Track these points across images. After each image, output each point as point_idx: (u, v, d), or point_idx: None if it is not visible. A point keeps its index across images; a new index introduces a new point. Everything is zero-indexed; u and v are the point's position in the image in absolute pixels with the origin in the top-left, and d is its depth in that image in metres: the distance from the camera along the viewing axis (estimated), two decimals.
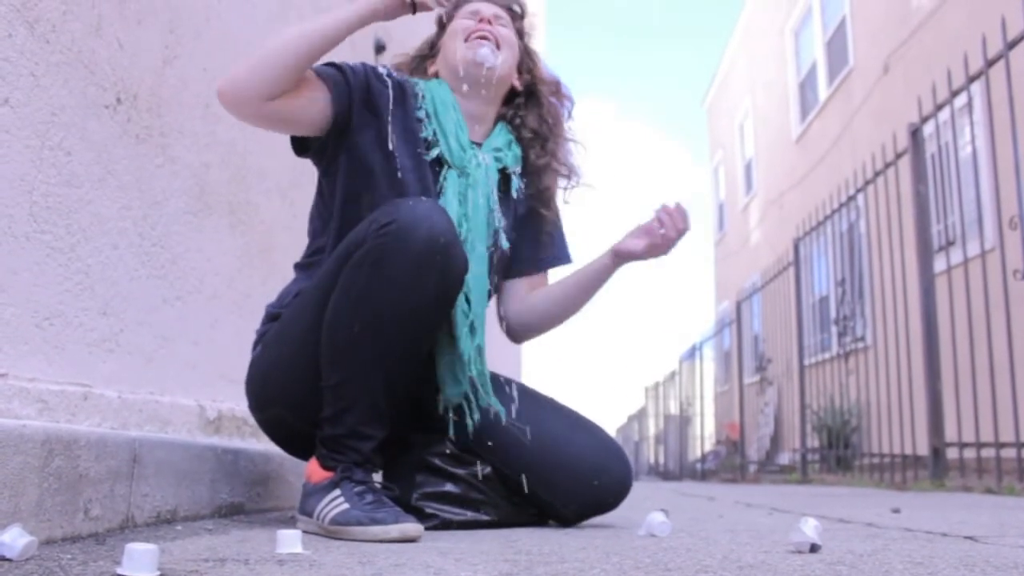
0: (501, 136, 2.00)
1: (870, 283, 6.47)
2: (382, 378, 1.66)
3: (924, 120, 4.94)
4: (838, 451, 7.15)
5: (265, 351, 1.83)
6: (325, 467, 1.66)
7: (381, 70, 1.91)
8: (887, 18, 9.40)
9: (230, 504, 2.02)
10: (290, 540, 1.30)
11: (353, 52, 3.85)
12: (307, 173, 3.19)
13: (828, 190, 7.23)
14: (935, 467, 4.68)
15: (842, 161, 9.87)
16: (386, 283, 1.58)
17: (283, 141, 2.92)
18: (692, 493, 5.11)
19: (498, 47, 1.95)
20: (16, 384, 1.48)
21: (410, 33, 5.42)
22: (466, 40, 1.94)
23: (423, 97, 1.93)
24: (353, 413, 1.64)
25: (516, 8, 2.09)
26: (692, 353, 13.74)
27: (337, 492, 1.60)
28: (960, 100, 4.82)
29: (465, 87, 1.93)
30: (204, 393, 2.27)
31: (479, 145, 1.96)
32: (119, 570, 1.01)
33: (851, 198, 6.29)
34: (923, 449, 4.94)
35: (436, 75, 2.02)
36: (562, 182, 2.08)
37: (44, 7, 1.58)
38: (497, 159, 1.95)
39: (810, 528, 1.32)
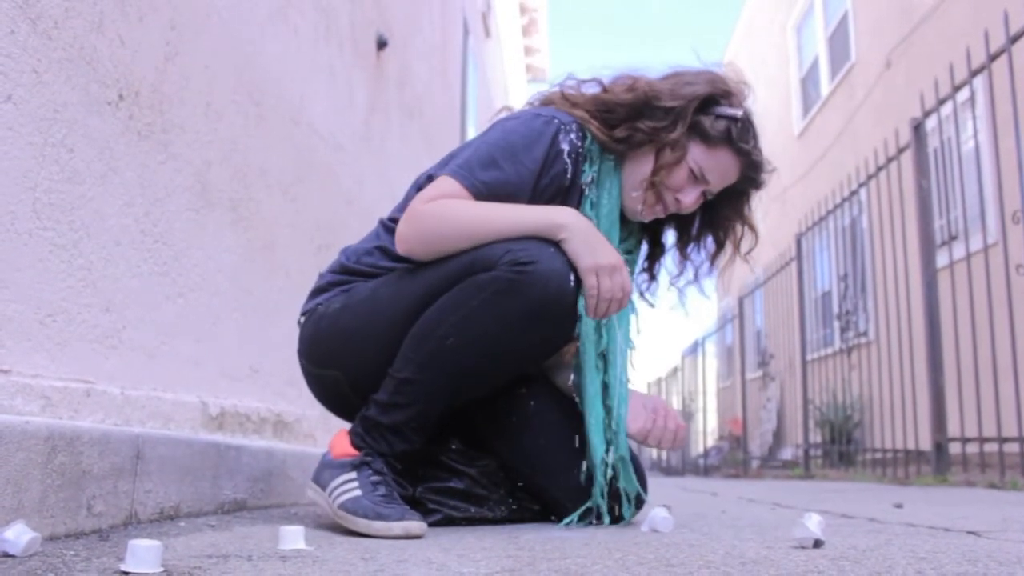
0: (632, 238, 1.97)
1: (872, 278, 6.47)
2: (448, 395, 1.69)
3: (926, 115, 4.93)
4: (841, 446, 7.15)
5: (346, 314, 1.80)
6: (354, 445, 1.68)
7: (564, 147, 1.76)
8: (889, 13, 9.38)
9: (233, 500, 2.02)
10: (293, 536, 1.30)
11: (355, 49, 3.85)
12: (309, 170, 3.19)
13: (830, 185, 7.22)
14: (938, 462, 4.68)
15: (844, 156, 9.85)
16: (499, 316, 1.60)
17: (284, 139, 2.93)
18: (695, 489, 5.12)
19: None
20: (19, 380, 1.48)
21: (413, 29, 5.43)
22: (652, 191, 1.82)
23: (592, 187, 1.83)
24: (404, 412, 1.66)
25: (756, 183, 1.92)
26: (694, 349, 13.74)
27: (353, 475, 1.62)
28: (962, 95, 4.81)
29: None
30: (207, 390, 2.28)
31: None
32: (122, 566, 1.01)
33: (853, 193, 6.27)
34: (926, 444, 4.94)
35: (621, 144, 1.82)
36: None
37: (46, 4, 1.58)
38: (628, 261, 1.93)
39: (813, 524, 1.32)
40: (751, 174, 1.87)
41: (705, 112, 1.80)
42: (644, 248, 2.06)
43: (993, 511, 2.25)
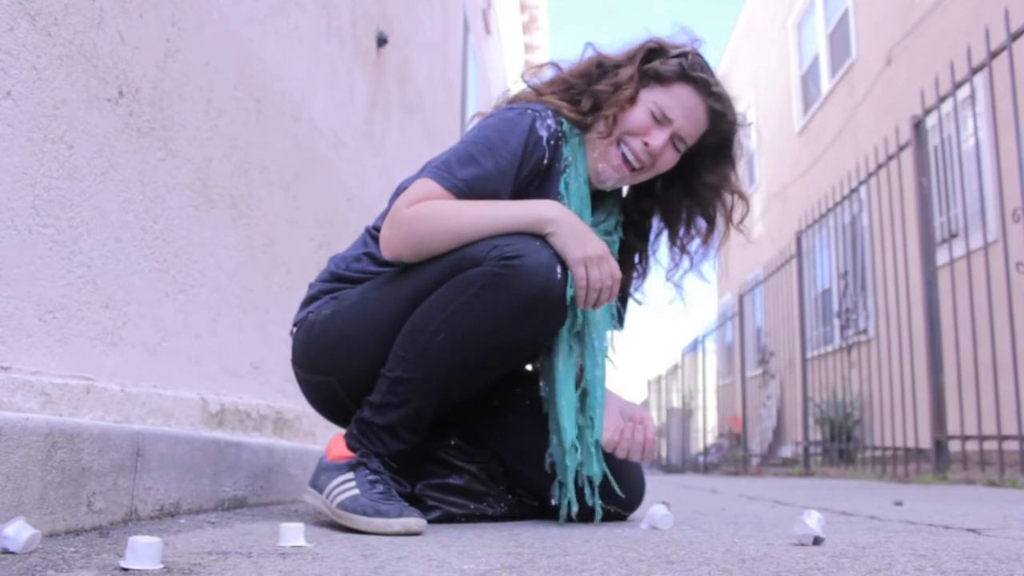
0: (611, 219, 1.94)
1: (872, 276, 6.46)
2: (441, 392, 1.69)
3: (927, 112, 4.93)
4: (840, 444, 7.15)
5: (337, 320, 1.80)
6: (349, 447, 1.68)
7: (543, 133, 1.77)
8: (890, 10, 9.37)
9: (233, 497, 2.03)
10: (293, 533, 1.30)
11: (356, 45, 3.84)
12: (309, 167, 3.19)
13: (831, 183, 7.22)
14: (938, 460, 4.68)
15: (845, 154, 9.85)
16: (488, 310, 1.61)
17: (285, 135, 2.93)
18: (695, 486, 5.12)
19: (641, 172, 1.86)
20: (19, 377, 1.48)
21: (413, 25, 5.42)
22: (615, 144, 1.82)
23: (567, 168, 1.84)
24: (398, 411, 1.66)
25: (727, 122, 1.87)
26: (694, 346, 13.73)
27: (350, 476, 1.62)
28: (963, 92, 4.81)
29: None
30: (207, 386, 2.28)
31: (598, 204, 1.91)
32: (122, 563, 1.01)
33: (854, 190, 6.27)
34: (926, 442, 4.94)
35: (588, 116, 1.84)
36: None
37: (45, 0, 1.58)
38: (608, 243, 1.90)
39: (813, 521, 1.32)
40: (716, 106, 1.83)
41: (656, 59, 1.83)
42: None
43: (993, 509, 2.25)
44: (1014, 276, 4.00)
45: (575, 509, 1.77)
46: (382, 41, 4.35)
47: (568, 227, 1.65)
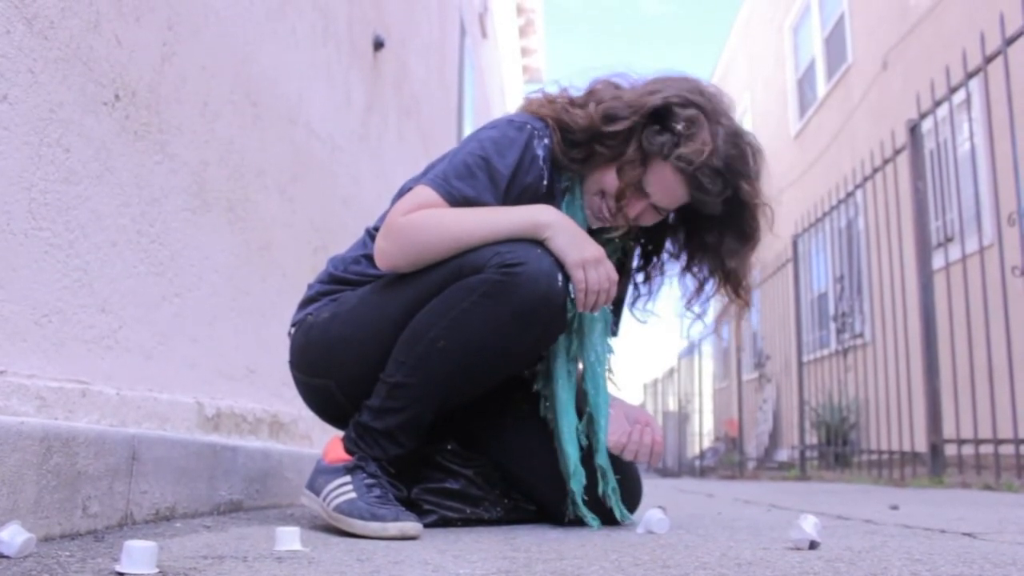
0: (608, 245, 1.88)
1: (869, 280, 6.48)
2: (440, 398, 1.69)
3: (923, 116, 4.94)
4: (837, 448, 7.16)
5: (336, 323, 1.80)
6: (347, 450, 1.68)
7: (539, 152, 1.75)
8: (886, 14, 9.39)
9: (229, 501, 2.02)
10: (289, 537, 1.30)
11: (353, 49, 3.84)
12: (306, 170, 3.19)
13: (827, 187, 7.23)
14: (934, 464, 4.69)
15: (841, 158, 9.86)
16: (489, 317, 1.60)
17: (281, 139, 2.93)
18: (691, 490, 5.12)
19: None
20: (15, 381, 1.48)
21: (410, 29, 5.42)
22: (598, 195, 1.80)
23: (567, 192, 1.84)
24: (397, 416, 1.66)
25: (712, 200, 1.76)
26: (691, 350, 13.74)
27: (348, 479, 1.62)
28: (959, 96, 4.82)
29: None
30: (203, 390, 2.27)
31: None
32: (118, 567, 1.01)
33: (850, 195, 6.28)
34: (921, 446, 4.95)
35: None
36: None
37: (42, 4, 1.58)
38: None
39: (809, 525, 1.33)
40: (696, 194, 1.75)
41: (653, 123, 1.74)
42: (638, 259, 2.05)
43: (989, 513, 2.25)
44: (1010, 280, 4.01)
45: (596, 525, 1.78)
46: (379, 45, 4.35)
47: (564, 231, 1.65)
